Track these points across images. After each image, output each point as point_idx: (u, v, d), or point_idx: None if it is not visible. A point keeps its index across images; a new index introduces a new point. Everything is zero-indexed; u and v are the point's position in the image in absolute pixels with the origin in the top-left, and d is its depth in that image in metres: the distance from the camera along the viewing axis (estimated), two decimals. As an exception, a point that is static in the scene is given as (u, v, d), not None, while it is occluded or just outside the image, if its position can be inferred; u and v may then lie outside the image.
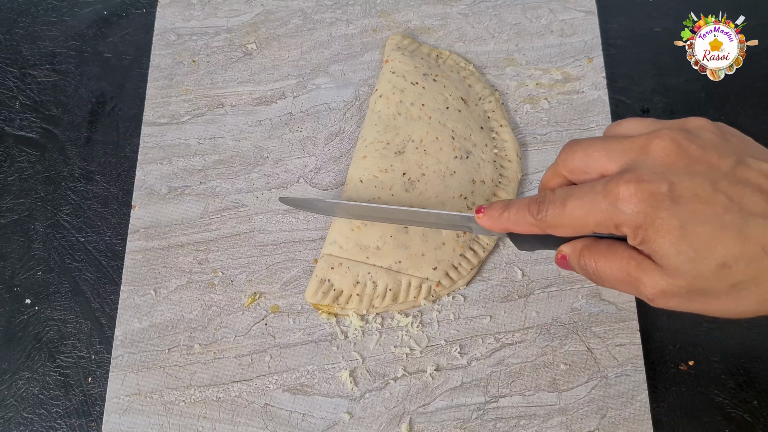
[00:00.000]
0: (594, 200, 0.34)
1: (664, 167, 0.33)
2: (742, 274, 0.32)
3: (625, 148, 0.35)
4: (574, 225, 0.36)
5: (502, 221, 0.40)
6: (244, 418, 0.49)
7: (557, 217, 0.36)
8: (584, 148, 0.37)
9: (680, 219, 0.32)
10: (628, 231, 0.34)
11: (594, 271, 0.37)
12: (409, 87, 0.57)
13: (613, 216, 0.34)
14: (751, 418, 0.49)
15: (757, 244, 0.32)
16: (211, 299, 0.53)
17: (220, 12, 0.65)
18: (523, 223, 0.39)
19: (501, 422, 0.48)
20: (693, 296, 0.34)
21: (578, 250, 0.38)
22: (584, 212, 0.35)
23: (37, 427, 0.51)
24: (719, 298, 0.34)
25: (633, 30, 0.63)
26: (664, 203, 0.32)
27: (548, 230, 0.37)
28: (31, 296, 0.55)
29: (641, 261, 0.35)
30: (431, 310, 0.52)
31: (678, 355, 0.51)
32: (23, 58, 0.64)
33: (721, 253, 0.32)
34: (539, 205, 0.37)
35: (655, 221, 0.32)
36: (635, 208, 0.33)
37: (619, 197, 0.33)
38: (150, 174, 0.58)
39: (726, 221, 0.32)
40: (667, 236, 0.32)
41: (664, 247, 0.33)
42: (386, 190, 0.53)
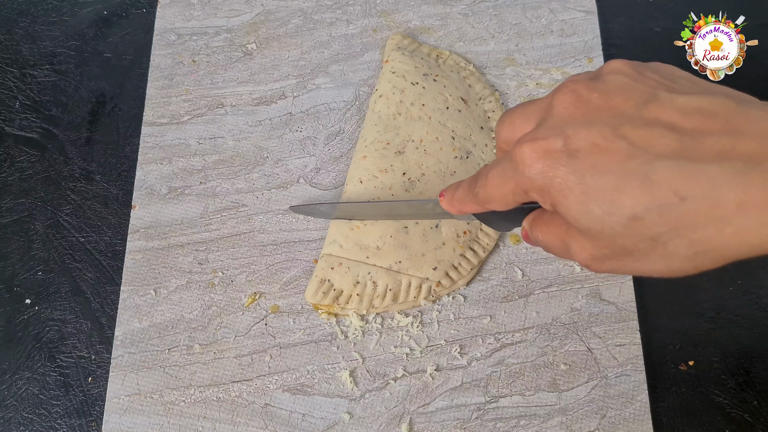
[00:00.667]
0: (504, 169, 0.33)
1: (559, 121, 0.31)
2: (658, 225, 0.28)
3: (537, 109, 0.33)
4: (498, 197, 0.34)
5: (454, 203, 0.39)
6: (244, 418, 0.49)
7: (484, 190, 0.35)
8: (510, 115, 0.35)
9: (579, 174, 0.29)
10: (537, 196, 0.32)
11: (540, 242, 0.35)
12: (409, 87, 0.57)
13: (520, 182, 0.32)
14: (751, 418, 0.49)
15: (667, 189, 0.27)
16: (211, 299, 0.53)
17: (220, 12, 0.65)
18: (467, 201, 0.38)
19: (501, 422, 0.48)
20: (621, 257, 0.30)
21: (529, 222, 0.36)
22: (500, 182, 0.33)
23: (37, 427, 0.51)
24: (648, 257, 0.30)
25: (633, 30, 0.63)
26: (561, 159, 0.30)
27: (485, 206, 0.36)
28: (31, 296, 0.55)
29: (569, 226, 0.32)
30: (431, 310, 0.52)
31: (678, 355, 0.51)
32: (23, 58, 0.64)
33: (628, 204, 0.28)
34: (475, 181, 0.36)
35: (554, 181, 0.30)
36: (534, 169, 0.30)
37: (519, 160, 0.31)
38: (150, 174, 0.58)
39: (629, 168, 0.28)
40: (570, 195, 0.30)
41: (570, 208, 0.30)
42: (386, 191, 0.53)
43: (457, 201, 0.39)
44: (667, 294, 0.52)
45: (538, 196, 0.31)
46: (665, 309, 0.52)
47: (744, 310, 0.52)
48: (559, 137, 0.30)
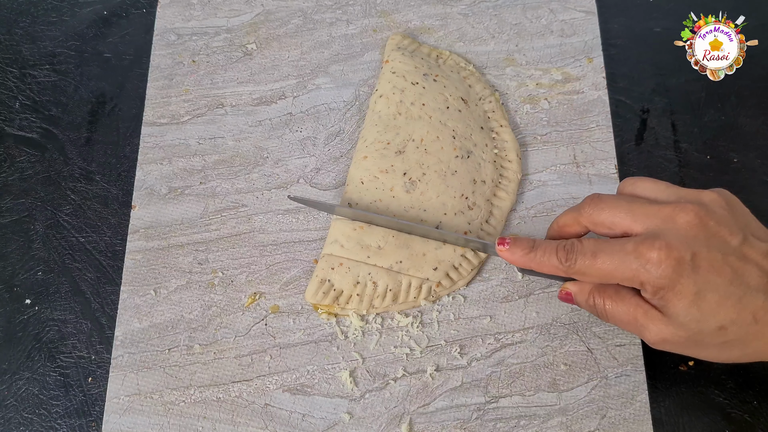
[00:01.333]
0: (625, 259, 0.39)
1: (688, 238, 0.39)
2: (734, 335, 0.39)
3: (650, 215, 0.40)
4: (601, 276, 0.41)
5: (528, 261, 0.44)
6: (244, 419, 0.49)
7: (586, 267, 0.41)
8: (611, 207, 0.42)
9: (697, 286, 0.38)
10: (650, 289, 0.39)
11: (603, 310, 0.43)
12: (409, 87, 0.57)
13: (641, 275, 0.39)
14: (751, 418, 0.49)
15: (750, 313, 0.38)
16: (211, 299, 0.53)
17: (220, 12, 0.65)
18: (549, 266, 0.43)
19: (501, 422, 0.48)
20: (689, 345, 0.40)
21: (587, 291, 0.44)
22: (614, 268, 0.40)
23: (37, 427, 0.51)
24: (709, 349, 0.41)
25: (633, 30, 0.63)
26: (687, 270, 0.38)
27: (573, 275, 0.42)
28: (31, 296, 0.55)
29: (648, 310, 0.40)
30: (431, 310, 0.52)
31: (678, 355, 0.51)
32: (23, 58, 0.64)
33: (721, 317, 0.38)
34: (568, 253, 0.42)
35: (676, 285, 0.38)
36: (663, 272, 0.38)
37: (650, 260, 0.38)
38: (150, 174, 0.58)
39: (730, 291, 0.38)
40: (683, 299, 0.38)
41: (678, 307, 0.39)
42: (387, 191, 0.53)
43: (536, 263, 0.44)
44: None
45: (650, 289, 0.39)
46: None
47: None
48: (689, 251, 0.38)
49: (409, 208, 0.53)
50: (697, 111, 0.59)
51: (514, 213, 0.55)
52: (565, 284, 0.46)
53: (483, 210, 0.54)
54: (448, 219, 0.53)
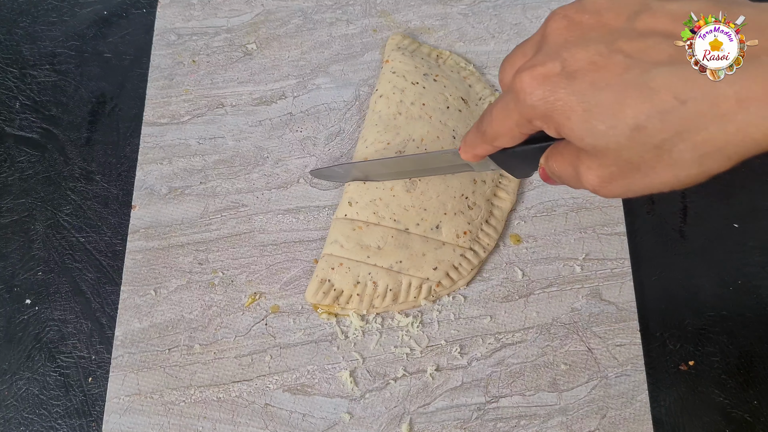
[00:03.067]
0: (506, 102, 0.33)
1: (556, 47, 0.31)
2: (661, 131, 0.28)
3: (532, 43, 0.34)
4: (505, 131, 0.35)
5: (467, 148, 0.40)
6: (244, 418, 0.49)
7: (491, 127, 0.35)
8: (508, 57, 0.36)
9: (579, 94, 0.30)
10: (541, 123, 0.32)
11: (556, 173, 0.35)
12: (409, 87, 0.57)
13: (523, 111, 0.32)
14: (751, 418, 0.49)
15: (667, 94, 0.28)
16: (211, 299, 0.53)
17: (220, 12, 0.65)
18: (477, 143, 0.38)
19: (501, 422, 0.48)
20: (628, 174, 0.31)
21: (545, 157, 0.36)
22: (504, 115, 0.34)
23: (37, 427, 0.51)
24: (655, 169, 0.30)
25: (633, 30, 0.63)
26: (560, 82, 0.30)
27: (494, 143, 0.37)
28: (31, 296, 0.55)
29: (578, 151, 0.32)
30: (431, 310, 0.52)
31: (678, 355, 0.51)
32: (23, 58, 0.64)
33: (630, 114, 0.29)
34: (482, 120, 0.37)
35: (556, 104, 0.30)
36: (535, 96, 0.31)
37: (519, 89, 0.31)
38: (150, 174, 0.58)
39: (627, 80, 0.29)
40: (573, 116, 0.30)
41: (574, 128, 0.30)
42: (387, 191, 0.53)
43: (469, 145, 0.39)
44: (667, 294, 0.52)
45: (541, 123, 0.32)
46: (665, 309, 0.52)
47: (744, 310, 0.52)
48: (556, 61, 0.30)
49: (410, 207, 0.53)
50: (697, 111, 0.59)
51: (515, 213, 0.55)
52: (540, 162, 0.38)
53: (483, 210, 0.54)
54: (448, 218, 0.53)
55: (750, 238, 0.54)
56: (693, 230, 0.55)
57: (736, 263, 0.53)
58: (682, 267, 0.53)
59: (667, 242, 0.54)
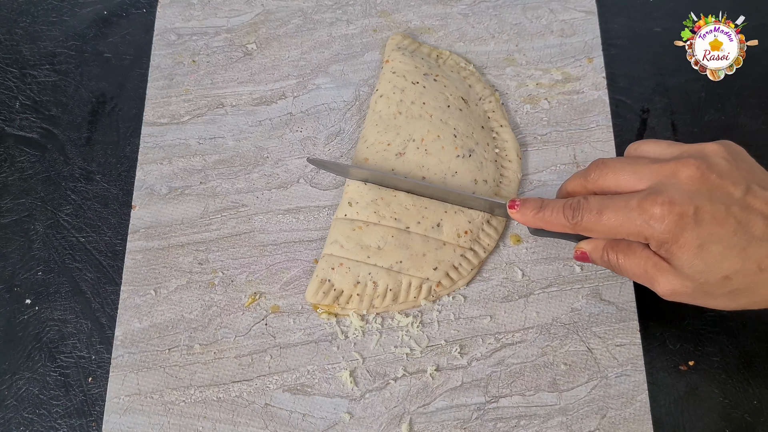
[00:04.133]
0: (629, 215, 0.40)
1: (690, 192, 0.39)
2: (739, 284, 0.40)
3: (653, 172, 0.41)
4: (607, 232, 0.42)
5: (537, 220, 0.46)
6: (244, 418, 0.49)
7: (592, 223, 0.42)
8: (615, 170, 0.43)
9: (700, 239, 0.39)
10: (654, 243, 0.40)
11: (616, 264, 0.44)
12: (409, 87, 0.57)
13: (645, 230, 0.40)
14: (751, 418, 0.49)
15: (754, 262, 0.39)
16: (211, 299, 0.53)
17: (220, 12, 0.65)
18: (556, 224, 0.45)
19: (501, 422, 0.48)
20: (697, 296, 0.41)
21: (601, 248, 0.45)
22: (619, 223, 0.41)
23: (37, 427, 0.51)
24: (717, 299, 0.42)
25: (633, 30, 0.63)
26: (690, 224, 0.39)
27: (580, 232, 0.44)
28: (31, 296, 0.55)
29: (658, 262, 0.41)
30: (431, 310, 0.52)
31: (678, 355, 0.51)
32: (23, 58, 0.64)
33: (726, 267, 0.39)
34: (574, 210, 0.43)
35: (679, 239, 0.39)
36: (665, 227, 0.39)
37: (653, 216, 0.39)
38: (150, 174, 0.58)
39: (734, 242, 0.39)
40: (687, 252, 0.39)
41: (682, 260, 0.40)
42: (389, 191, 0.53)
43: (544, 221, 0.45)
44: (667, 294, 0.52)
45: (655, 243, 0.40)
46: (665, 309, 0.52)
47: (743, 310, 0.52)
48: (691, 206, 0.39)
49: (410, 206, 0.53)
50: (697, 111, 0.59)
51: (514, 213, 0.55)
52: (579, 244, 0.47)
53: (483, 210, 0.54)
54: (449, 217, 0.53)
55: (750, 238, 0.54)
56: (693, 230, 0.54)
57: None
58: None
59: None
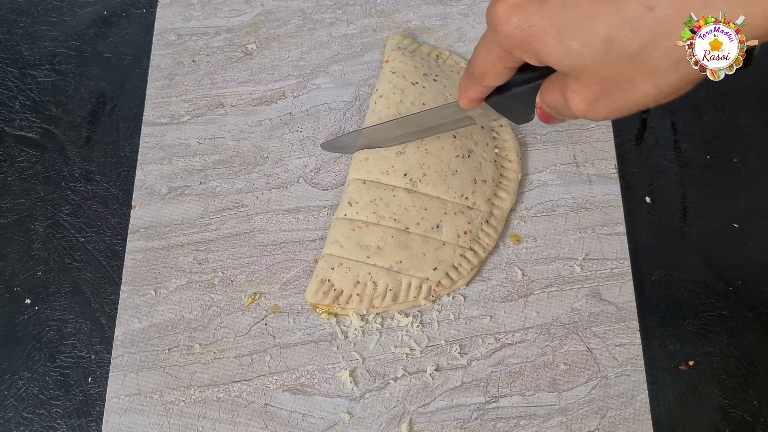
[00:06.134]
0: (486, 38, 0.35)
1: None
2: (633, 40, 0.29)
3: None
4: (489, 67, 0.36)
5: (462, 93, 0.41)
6: (244, 418, 0.49)
7: (476, 66, 0.37)
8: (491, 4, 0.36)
9: (551, 16, 0.30)
10: (520, 53, 0.33)
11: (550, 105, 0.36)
12: (409, 87, 0.57)
13: (503, 43, 0.33)
14: (751, 418, 0.49)
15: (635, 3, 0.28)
16: (211, 299, 0.53)
17: (220, 12, 0.65)
18: (468, 85, 0.40)
19: (501, 422, 0.48)
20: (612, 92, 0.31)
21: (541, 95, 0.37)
22: (486, 51, 0.35)
23: (37, 427, 0.51)
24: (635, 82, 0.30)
25: (633, 30, 0.63)
26: (532, 8, 0.31)
27: (482, 82, 0.38)
28: (31, 296, 0.55)
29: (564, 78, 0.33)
30: (431, 310, 0.52)
31: (678, 355, 0.51)
32: (23, 58, 0.64)
33: (601, 29, 0.29)
34: (469, 63, 0.38)
35: (530, 30, 0.31)
36: (510, 25, 0.32)
37: (496, 21, 0.32)
38: (150, 174, 0.58)
39: None
40: (548, 39, 0.31)
41: (551, 52, 0.31)
42: (388, 191, 0.53)
43: (462, 90, 0.40)
44: (667, 294, 0.52)
45: (521, 52, 0.33)
46: (665, 309, 0.52)
47: (744, 310, 0.52)
48: None
49: (410, 206, 0.53)
50: (697, 111, 0.59)
51: (514, 213, 0.55)
52: None
53: (483, 210, 0.54)
54: (448, 218, 0.53)
55: (750, 238, 0.54)
56: (693, 230, 0.55)
57: (736, 263, 0.53)
58: (682, 267, 0.53)
59: (667, 242, 0.54)
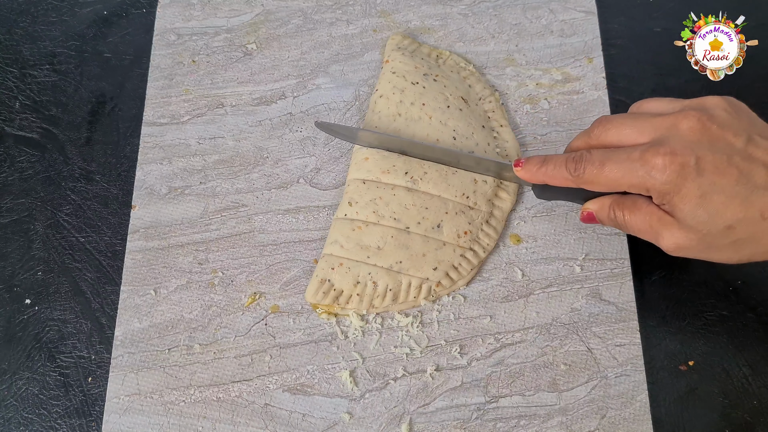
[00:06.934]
0: (631, 167, 0.41)
1: (691, 143, 0.40)
2: (743, 233, 0.40)
3: (655, 126, 0.42)
4: (609, 184, 0.42)
5: (540, 174, 0.46)
6: (244, 418, 0.49)
7: (594, 175, 0.43)
8: (617, 125, 0.44)
9: (701, 189, 0.39)
10: (656, 194, 0.41)
11: (622, 222, 0.44)
12: (409, 87, 0.57)
13: (647, 181, 0.40)
14: (751, 418, 0.49)
15: (757, 211, 0.39)
16: (211, 299, 0.53)
17: (220, 12, 0.65)
18: (559, 177, 0.45)
19: (501, 422, 0.48)
20: (702, 248, 0.41)
21: (607, 206, 0.45)
22: (621, 175, 0.41)
23: (37, 427, 0.51)
24: (722, 251, 0.41)
25: (633, 30, 0.63)
26: (691, 174, 0.39)
27: (582, 185, 0.44)
28: (31, 296, 0.55)
29: (662, 216, 0.42)
30: (431, 310, 0.52)
31: (678, 355, 0.51)
32: (23, 58, 0.64)
33: (728, 217, 0.39)
34: (576, 163, 0.44)
35: (681, 189, 0.39)
36: (667, 177, 0.39)
37: (655, 166, 0.40)
38: (150, 174, 0.58)
39: (736, 191, 0.39)
40: (689, 202, 0.39)
41: (684, 211, 0.40)
42: (388, 190, 0.53)
43: (547, 175, 0.46)
44: (667, 294, 0.52)
45: (656, 195, 0.41)
46: (665, 309, 0.52)
47: (744, 310, 0.52)
48: (692, 156, 0.39)
49: (410, 206, 0.53)
50: (697, 111, 0.59)
51: (514, 213, 0.55)
52: (585, 205, 0.47)
53: (484, 210, 0.54)
54: (449, 218, 0.53)
55: (750, 238, 0.54)
56: (693, 230, 0.54)
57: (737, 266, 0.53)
58: (682, 267, 0.53)
59: (667, 242, 0.54)
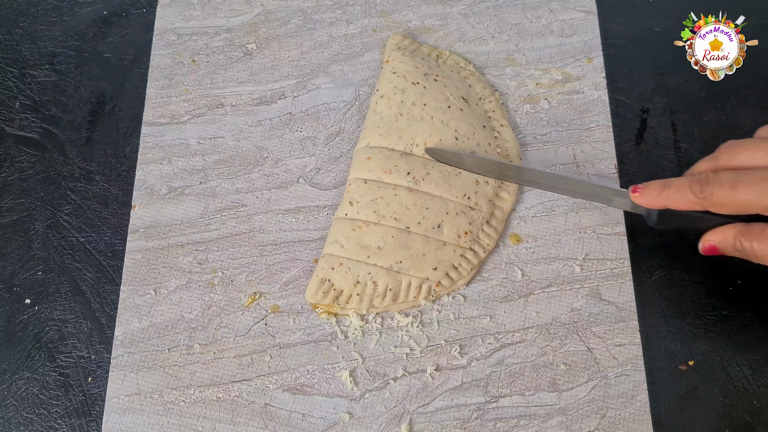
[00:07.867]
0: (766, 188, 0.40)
1: None
2: None
3: None
4: (740, 206, 0.41)
5: (661, 199, 0.45)
6: (244, 418, 0.49)
7: (725, 197, 0.41)
8: (748, 149, 0.43)
9: None
10: None
11: (751, 252, 0.43)
12: (410, 87, 0.57)
13: None
14: (751, 418, 0.49)
15: None
16: (211, 299, 0.53)
17: (220, 12, 0.65)
18: (683, 200, 0.44)
19: (501, 422, 0.48)
20: None
21: (731, 236, 0.44)
22: (755, 197, 0.40)
23: (37, 427, 0.51)
24: None
25: (633, 30, 0.63)
26: None
27: (709, 208, 0.43)
28: (31, 296, 0.55)
29: None
30: (431, 310, 0.52)
31: (678, 355, 0.51)
32: (23, 58, 0.64)
33: None
34: (702, 185, 0.42)
35: None
36: None
37: None
38: (150, 174, 0.58)
39: None
40: None
41: None
42: (389, 190, 0.53)
43: (670, 199, 0.45)
44: (667, 294, 0.52)
45: None
46: (665, 309, 0.52)
47: (744, 310, 0.52)
48: None
49: (411, 205, 0.53)
50: (697, 111, 0.59)
51: (514, 213, 0.55)
52: (705, 236, 0.45)
53: (484, 210, 0.54)
54: (450, 218, 0.53)
55: (750, 238, 0.54)
56: (693, 230, 0.54)
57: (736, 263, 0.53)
58: (682, 267, 0.53)
59: (667, 242, 0.54)
